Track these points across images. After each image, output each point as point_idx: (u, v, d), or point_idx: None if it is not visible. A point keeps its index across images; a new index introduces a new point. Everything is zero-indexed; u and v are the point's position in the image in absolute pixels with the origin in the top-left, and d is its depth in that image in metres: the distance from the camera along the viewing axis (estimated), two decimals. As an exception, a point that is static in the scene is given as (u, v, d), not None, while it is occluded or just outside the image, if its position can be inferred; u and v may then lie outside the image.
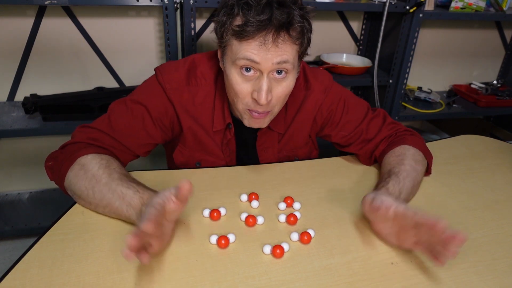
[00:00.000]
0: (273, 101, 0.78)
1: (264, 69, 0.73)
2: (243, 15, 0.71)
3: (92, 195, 0.71)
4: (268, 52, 0.71)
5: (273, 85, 0.76)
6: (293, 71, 0.77)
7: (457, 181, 0.91)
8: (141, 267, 0.62)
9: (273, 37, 0.70)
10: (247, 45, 0.72)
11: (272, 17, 0.69)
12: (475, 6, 1.69)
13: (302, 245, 0.69)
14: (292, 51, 0.74)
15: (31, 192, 1.80)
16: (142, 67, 1.66)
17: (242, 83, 0.76)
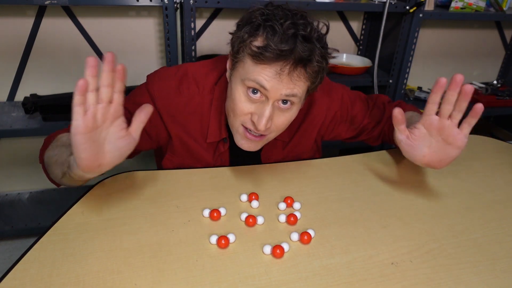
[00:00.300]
0: (272, 128, 0.76)
1: (271, 97, 0.72)
2: (266, 39, 0.68)
3: (53, 155, 0.73)
4: (281, 82, 0.70)
5: (276, 113, 0.75)
6: (298, 104, 0.76)
7: (457, 181, 0.91)
8: (141, 267, 0.62)
9: (289, 70, 0.69)
10: (262, 69, 0.70)
11: (294, 49, 0.67)
12: (475, 6, 1.69)
13: (302, 245, 0.69)
14: (303, 86, 0.73)
15: (31, 192, 1.80)
16: (142, 67, 1.66)
17: (245, 102, 0.74)
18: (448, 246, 0.70)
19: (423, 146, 0.76)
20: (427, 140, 0.76)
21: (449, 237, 0.72)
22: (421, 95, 1.94)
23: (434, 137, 0.75)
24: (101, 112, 0.59)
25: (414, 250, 0.69)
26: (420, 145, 0.76)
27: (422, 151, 0.76)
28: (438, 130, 0.74)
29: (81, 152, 0.57)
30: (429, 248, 0.70)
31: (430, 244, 0.71)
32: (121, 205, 0.75)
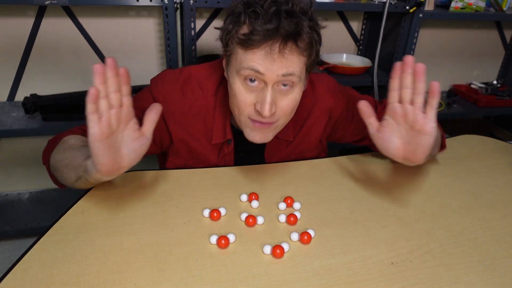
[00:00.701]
0: (278, 114, 0.75)
1: (269, 80, 0.70)
2: (250, 24, 0.68)
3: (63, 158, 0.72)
4: (274, 63, 0.68)
5: (278, 97, 0.73)
6: (299, 84, 0.74)
7: (457, 181, 0.91)
8: (141, 267, 0.62)
9: (279, 47, 0.67)
10: (252, 54, 0.69)
11: (279, 26, 0.66)
12: (475, 6, 1.69)
13: (302, 245, 0.69)
14: (299, 63, 0.71)
15: (31, 192, 1.80)
16: (142, 67, 1.66)
17: (246, 93, 0.73)
18: (448, 246, 0.70)
19: (394, 137, 0.71)
20: (397, 131, 0.71)
21: (449, 237, 0.72)
22: (421, 95, 1.94)
23: (402, 126, 0.71)
24: (114, 117, 0.61)
25: (414, 250, 0.69)
26: (391, 137, 0.71)
27: (394, 143, 0.71)
28: (403, 117, 0.70)
29: (101, 158, 0.59)
30: (429, 248, 0.70)
31: (430, 244, 0.71)
32: (121, 205, 0.75)
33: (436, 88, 0.67)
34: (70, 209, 0.74)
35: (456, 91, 2.07)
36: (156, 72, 1.68)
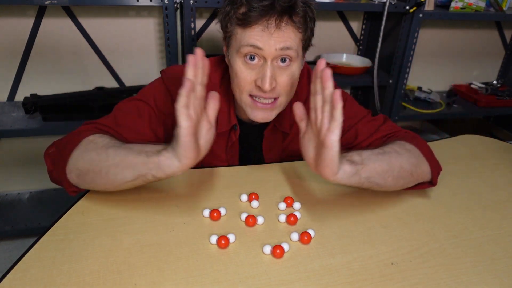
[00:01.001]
0: (278, 89, 0.78)
1: (268, 55, 0.74)
2: (247, 3, 0.72)
3: (105, 158, 0.67)
4: (271, 37, 0.72)
5: (277, 73, 0.76)
6: (297, 60, 0.78)
7: (457, 181, 0.91)
8: (141, 267, 0.62)
9: (275, 22, 0.71)
10: (251, 31, 0.73)
11: (274, 2, 0.70)
12: (475, 6, 1.69)
13: (302, 245, 0.69)
14: (295, 38, 0.75)
15: (31, 192, 1.80)
16: (142, 67, 1.66)
17: (246, 70, 0.77)
18: (448, 246, 0.70)
19: (310, 146, 0.67)
20: (312, 140, 0.67)
21: (449, 237, 0.72)
22: (421, 95, 1.94)
23: (314, 135, 0.66)
24: (198, 110, 0.61)
25: (414, 250, 0.69)
26: (308, 145, 0.68)
27: (309, 152, 0.68)
28: (312, 125, 0.66)
29: (188, 151, 0.60)
30: (429, 248, 0.70)
31: (430, 244, 0.71)
32: (121, 205, 0.75)
33: (337, 97, 0.58)
34: (70, 209, 0.74)
35: (456, 91, 2.07)
36: (156, 72, 1.68)
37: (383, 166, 0.71)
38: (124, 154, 0.67)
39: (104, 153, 0.69)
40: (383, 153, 0.73)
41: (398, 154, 0.75)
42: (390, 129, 0.89)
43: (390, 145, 0.78)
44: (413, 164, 0.77)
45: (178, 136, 0.59)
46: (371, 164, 0.70)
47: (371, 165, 0.70)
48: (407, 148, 0.78)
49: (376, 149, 0.74)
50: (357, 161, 0.68)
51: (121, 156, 0.67)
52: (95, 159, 0.69)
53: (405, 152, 0.77)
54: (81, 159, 0.71)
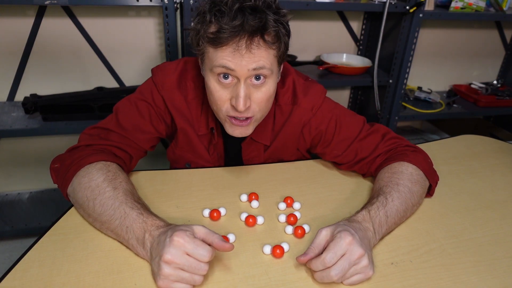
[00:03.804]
0: (253, 107, 0.76)
1: (241, 75, 0.72)
2: (216, 22, 0.69)
3: (92, 207, 0.67)
4: (243, 58, 0.70)
5: (251, 91, 0.74)
6: (272, 76, 0.75)
7: (457, 181, 0.91)
8: (141, 267, 0.62)
9: (246, 43, 0.69)
10: (222, 52, 0.71)
11: (244, 22, 0.68)
12: (475, 6, 1.69)
13: (302, 245, 0.69)
14: (268, 56, 0.72)
15: (31, 192, 1.80)
16: (142, 67, 1.66)
17: (220, 90, 0.75)
18: (448, 246, 0.70)
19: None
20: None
21: (449, 237, 0.72)
22: (421, 95, 1.94)
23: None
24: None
25: (414, 250, 0.69)
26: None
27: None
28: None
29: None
30: (429, 248, 0.70)
31: (430, 244, 0.71)
32: (121, 205, 0.75)
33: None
34: (70, 209, 0.74)
35: (456, 91, 2.07)
36: (156, 72, 1.68)
37: (402, 208, 0.74)
38: (108, 214, 0.66)
39: (92, 202, 0.68)
40: (397, 198, 0.74)
41: (410, 191, 0.76)
42: (389, 144, 0.88)
43: (402, 182, 0.77)
44: (421, 188, 0.80)
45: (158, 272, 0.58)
46: (393, 214, 0.72)
47: (393, 215, 0.72)
48: (414, 179, 0.79)
49: (393, 195, 0.74)
50: (383, 220, 0.70)
51: (106, 216, 0.66)
52: (85, 202, 0.69)
53: (413, 183, 0.78)
54: (76, 193, 0.71)
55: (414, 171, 0.80)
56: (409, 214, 0.77)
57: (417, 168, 0.81)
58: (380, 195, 0.74)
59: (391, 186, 0.76)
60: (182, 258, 0.56)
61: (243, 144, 0.91)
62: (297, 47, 1.79)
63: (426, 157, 0.86)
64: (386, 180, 0.78)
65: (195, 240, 0.57)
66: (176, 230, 0.58)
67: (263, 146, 0.93)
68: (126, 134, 0.83)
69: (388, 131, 0.90)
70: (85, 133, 0.83)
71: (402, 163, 0.82)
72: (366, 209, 0.70)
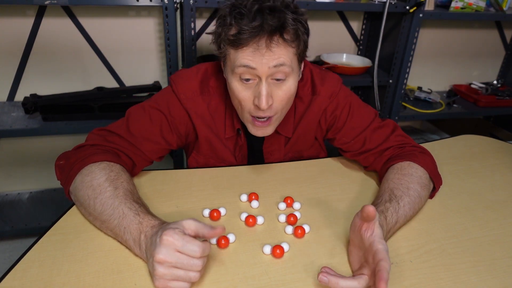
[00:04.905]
0: (275, 105, 0.78)
1: (262, 74, 0.74)
2: (237, 24, 0.72)
3: (93, 206, 0.68)
4: (263, 57, 0.72)
5: (273, 89, 0.76)
6: (292, 74, 0.77)
7: (457, 181, 0.91)
8: (141, 267, 0.62)
9: (266, 42, 0.71)
10: (242, 52, 0.73)
11: (264, 23, 0.70)
12: (475, 6, 1.69)
13: (302, 245, 0.69)
14: (288, 54, 0.74)
15: (31, 192, 1.80)
16: (142, 67, 1.66)
17: (243, 90, 0.77)
18: (448, 246, 0.70)
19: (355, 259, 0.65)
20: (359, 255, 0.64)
21: (449, 237, 0.72)
22: (421, 95, 1.94)
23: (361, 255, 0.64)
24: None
25: (414, 250, 0.69)
26: (354, 258, 0.65)
27: (355, 263, 0.65)
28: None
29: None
30: (429, 248, 0.70)
31: (430, 244, 0.71)
32: (121, 205, 0.75)
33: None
34: (70, 209, 0.74)
35: (456, 91, 2.07)
36: (156, 72, 1.68)
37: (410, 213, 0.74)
38: (108, 213, 0.66)
39: (92, 201, 0.68)
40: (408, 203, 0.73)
41: (419, 196, 0.76)
42: (398, 141, 0.89)
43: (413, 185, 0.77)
44: (427, 192, 0.81)
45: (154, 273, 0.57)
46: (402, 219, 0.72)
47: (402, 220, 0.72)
48: (422, 182, 0.79)
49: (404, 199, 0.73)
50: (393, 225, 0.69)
51: (105, 215, 0.66)
52: (86, 201, 0.69)
53: (422, 187, 0.78)
54: (78, 191, 0.71)
55: (423, 175, 0.80)
56: (413, 216, 0.77)
57: (425, 171, 0.81)
58: (393, 200, 0.73)
59: (402, 190, 0.75)
60: (173, 256, 0.56)
61: (266, 137, 0.92)
62: (297, 47, 1.78)
63: (433, 160, 0.86)
64: (396, 182, 0.78)
65: (184, 236, 0.57)
66: (166, 229, 0.57)
67: (284, 138, 0.95)
68: (134, 141, 0.82)
69: (396, 127, 0.92)
70: (93, 133, 0.83)
71: (412, 164, 0.82)
72: (383, 214, 0.69)
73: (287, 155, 0.98)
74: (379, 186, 0.86)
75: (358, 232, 0.62)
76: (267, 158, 0.96)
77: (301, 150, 0.98)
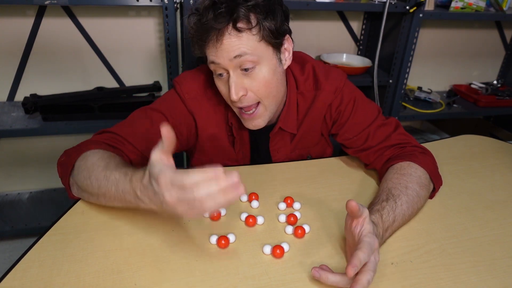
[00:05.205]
0: (250, 95, 0.79)
1: (227, 66, 0.76)
2: (194, 24, 0.75)
3: (90, 184, 0.68)
4: (223, 49, 0.74)
5: (245, 81, 0.78)
6: (263, 61, 0.77)
7: (457, 181, 0.91)
8: (141, 267, 0.62)
9: (217, 36, 0.72)
10: (208, 49, 0.76)
11: (216, 16, 0.71)
12: (475, 6, 1.69)
13: (302, 245, 0.69)
14: (248, 42, 0.74)
15: (31, 192, 1.80)
16: (142, 67, 1.66)
17: (221, 85, 0.80)
18: (448, 246, 0.70)
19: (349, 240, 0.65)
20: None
21: (449, 237, 0.72)
22: (421, 95, 1.94)
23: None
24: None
25: (414, 250, 0.69)
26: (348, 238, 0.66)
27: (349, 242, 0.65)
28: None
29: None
30: (429, 248, 0.70)
31: (430, 244, 0.71)
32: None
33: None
34: (70, 209, 0.74)
35: (456, 91, 2.07)
36: (156, 72, 1.68)
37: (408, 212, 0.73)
38: (104, 185, 0.66)
39: (89, 180, 0.68)
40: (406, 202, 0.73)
41: (417, 196, 0.76)
42: (400, 139, 0.88)
43: (411, 185, 0.76)
44: (427, 192, 0.80)
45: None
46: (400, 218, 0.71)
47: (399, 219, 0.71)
48: (422, 182, 0.78)
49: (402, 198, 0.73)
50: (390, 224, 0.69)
51: (103, 188, 0.66)
52: (84, 182, 0.70)
53: (421, 187, 0.77)
54: (77, 176, 0.72)
55: (422, 175, 0.80)
56: (412, 217, 0.77)
57: (425, 172, 0.81)
58: (390, 199, 0.72)
59: (400, 189, 0.75)
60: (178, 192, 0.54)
61: (271, 134, 0.93)
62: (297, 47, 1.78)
63: (434, 161, 0.86)
64: (395, 182, 0.77)
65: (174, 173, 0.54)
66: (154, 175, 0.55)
67: (290, 135, 0.95)
68: (132, 140, 0.82)
69: (399, 125, 0.91)
70: (96, 133, 0.84)
71: (412, 164, 0.81)
72: (379, 212, 0.69)
73: (294, 152, 0.97)
74: (379, 186, 0.86)
75: (350, 230, 0.63)
76: (274, 155, 0.96)
77: (307, 146, 0.98)
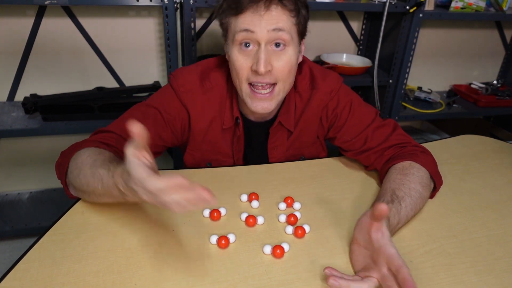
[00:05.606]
0: (275, 74, 0.79)
1: (260, 38, 0.75)
2: None
3: (80, 182, 0.69)
4: (262, 19, 0.74)
5: (272, 57, 0.77)
6: (292, 45, 0.78)
7: (457, 181, 0.91)
8: (141, 267, 0.62)
9: (265, 6, 0.73)
10: (243, 18, 0.75)
11: None
12: (475, 6, 1.69)
13: (302, 245, 0.69)
14: (287, 21, 0.76)
15: (31, 192, 1.80)
16: (142, 67, 1.66)
17: (242, 58, 0.78)
18: (448, 246, 0.70)
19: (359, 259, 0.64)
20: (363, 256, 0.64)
21: (449, 237, 0.72)
22: (421, 95, 1.94)
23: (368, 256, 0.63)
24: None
25: (414, 250, 0.69)
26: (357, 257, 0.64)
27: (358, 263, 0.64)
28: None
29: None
30: (429, 248, 0.70)
31: (430, 244, 0.71)
32: (121, 205, 0.75)
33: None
34: (70, 209, 0.74)
35: (456, 91, 2.07)
36: (156, 72, 1.68)
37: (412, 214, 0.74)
38: (92, 182, 0.66)
39: (78, 178, 0.69)
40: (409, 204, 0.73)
41: (420, 196, 0.76)
42: (399, 140, 0.88)
43: (414, 186, 0.76)
44: (428, 192, 0.80)
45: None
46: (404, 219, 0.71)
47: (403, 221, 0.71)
48: (424, 182, 0.78)
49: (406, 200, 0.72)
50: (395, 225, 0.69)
51: (91, 185, 0.66)
52: (76, 181, 0.71)
53: (423, 188, 0.77)
54: (69, 175, 0.73)
55: (424, 174, 0.80)
56: (414, 216, 0.77)
57: (427, 171, 0.81)
58: (395, 201, 0.72)
59: (403, 191, 0.74)
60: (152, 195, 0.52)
61: (272, 130, 0.92)
62: (297, 47, 1.79)
63: (434, 160, 0.86)
64: (398, 182, 0.77)
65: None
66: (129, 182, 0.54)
67: (287, 133, 0.95)
68: (127, 136, 0.82)
69: (397, 126, 0.91)
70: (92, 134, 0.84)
71: (413, 164, 0.81)
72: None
73: (288, 151, 0.97)
74: (379, 186, 0.86)
75: (366, 232, 0.61)
76: (271, 153, 0.96)
77: (302, 147, 0.98)
